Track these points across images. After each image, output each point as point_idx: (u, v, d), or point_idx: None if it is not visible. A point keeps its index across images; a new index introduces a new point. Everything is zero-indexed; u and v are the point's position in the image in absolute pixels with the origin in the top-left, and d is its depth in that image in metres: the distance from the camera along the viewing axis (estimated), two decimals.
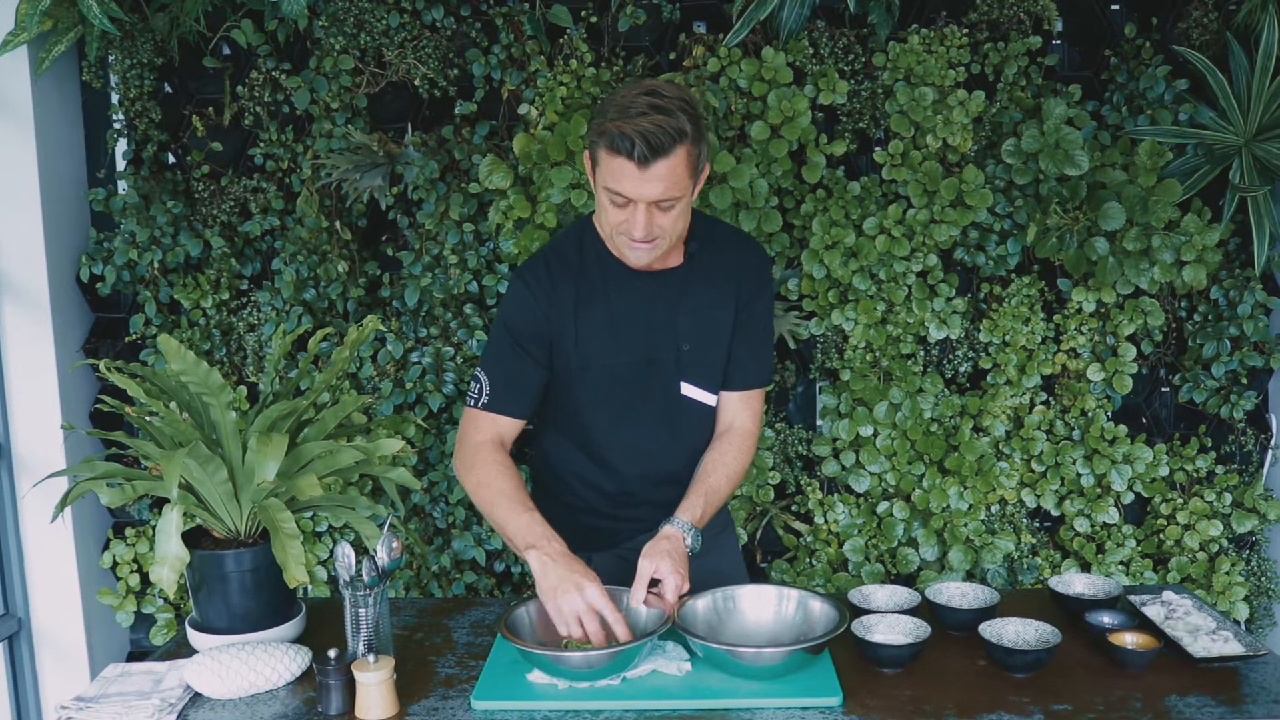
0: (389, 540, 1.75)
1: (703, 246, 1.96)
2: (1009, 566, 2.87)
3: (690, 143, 1.73)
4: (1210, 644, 1.70)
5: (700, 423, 2.01)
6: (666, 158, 1.70)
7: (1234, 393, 2.84)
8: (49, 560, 2.87)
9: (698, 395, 1.98)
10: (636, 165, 1.70)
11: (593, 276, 1.93)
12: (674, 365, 1.95)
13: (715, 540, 2.09)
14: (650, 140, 1.68)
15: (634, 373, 1.95)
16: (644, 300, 1.93)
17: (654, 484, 2.02)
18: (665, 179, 1.72)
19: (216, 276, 2.86)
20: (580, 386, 1.96)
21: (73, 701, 1.64)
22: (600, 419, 2.00)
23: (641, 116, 1.69)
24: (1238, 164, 2.68)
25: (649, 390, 1.97)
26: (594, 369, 1.94)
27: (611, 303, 1.93)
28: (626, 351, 1.94)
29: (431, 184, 2.77)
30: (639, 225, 1.77)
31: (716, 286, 1.96)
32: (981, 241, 2.81)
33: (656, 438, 2.00)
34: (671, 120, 1.70)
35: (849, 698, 1.59)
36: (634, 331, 1.94)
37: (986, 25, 2.78)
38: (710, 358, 1.97)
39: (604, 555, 2.05)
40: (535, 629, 1.75)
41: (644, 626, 1.74)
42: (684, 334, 1.94)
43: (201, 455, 1.73)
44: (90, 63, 2.75)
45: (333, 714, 1.59)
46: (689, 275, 1.95)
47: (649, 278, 1.94)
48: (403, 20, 2.75)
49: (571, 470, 2.06)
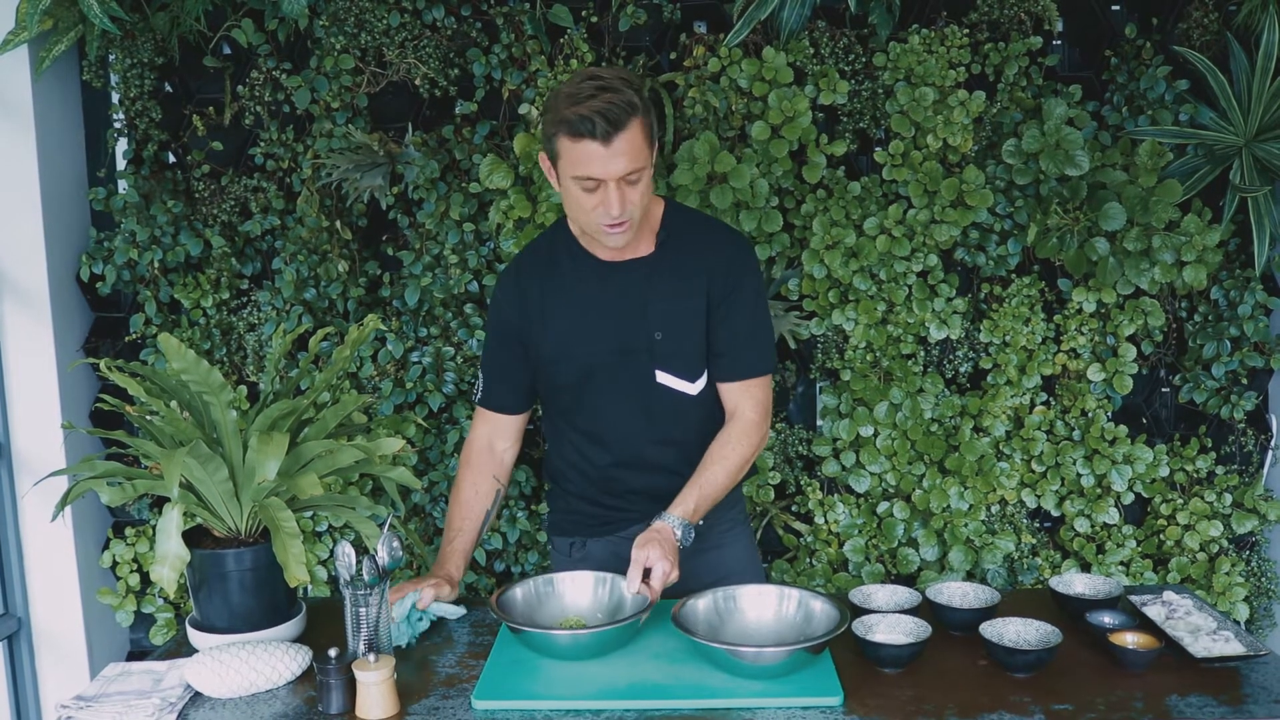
0: (389, 540, 1.75)
1: (673, 235, 1.99)
2: (1009, 567, 2.87)
3: (643, 114, 1.81)
4: (1211, 644, 1.70)
5: (679, 411, 2.01)
6: (625, 131, 1.77)
7: (1234, 393, 2.84)
8: (49, 559, 2.87)
9: (674, 384, 1.99)
10: (601, 143, 1.77)
11: (563, 270, 1.99)
12: (648, 354, 1.97)
13: (726, 535, 2.11)
14: (608, 116, 1.76)
15: (608, 362, 1.98)
16: (614, 290, 1.97)
17: (637, 471, 2.04)
18: (628, 152, 1.78)
19: (217, 276, 2.86)
20: (557, 378, 2.02)
21: (73, 701, 1.64)
22: (581, 408, 2.04)
23: (592, 99, 1.77)
24: (1238, 164, 2.68)
25: (624, 379, 1.99)
26: (567, 360, 1.99)
27: (581, 294, 1.98)
28: (598, 342, 1.97)
29: (432, 184, 2.77)
30: (614, 203, 1.81)
31: (687, 275, 1.97)
32: (982, 242, 2.81)
33: (635, 426, 2.01)
34: (621, 96, 1.78)
35: (850, 697, 1.58)
36: (605, 322, 1.97)
37: (987, 25, 2.78)
38: (685, 347, 1.98)
39: (599, 542, 2.10)
40: (526, 609, 1.83)
41: (629, 613, 1.78)
42: (655, 323, 1.96)
43: (202, 454, 1.73)
44: (91, 62, 2.75)
45: (333, 713, 1.59)
46: (658, 264, 1.97)
47: (618, 268, 1.97)
48: (403, 20, 2.75)
49: (565, 458, 2.11)
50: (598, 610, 1.86)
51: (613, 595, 1.87)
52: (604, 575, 1.90)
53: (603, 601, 1.87)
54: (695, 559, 1.99)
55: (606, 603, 1.86)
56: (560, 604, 1.87)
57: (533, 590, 1.88)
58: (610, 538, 2.09)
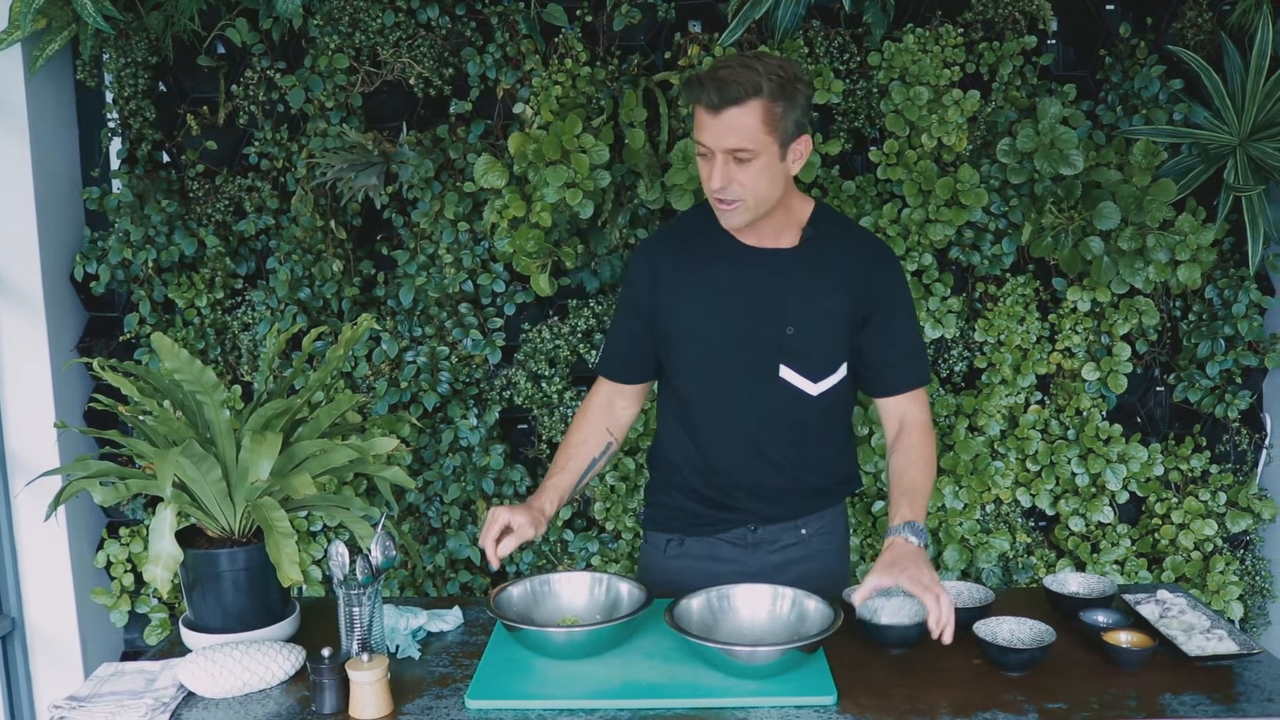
0: (383, 539, 1.75)
1: (821, 234, 1.97)
2: (1004, 566, 2.88)
3: (768, 98, 1.78)
4: (1205, 643, 1.71)
5: (796, 410, 1.99)
6: (738, 106, 1.77)
7: (1229, 392, 2.85)
8: (42, 559, 2.86)
9: (797, 381, 1.97)
10: (708, 112, 1.78)
11: (706, 248, 1.98)
12: (775, 347, 1.95)
13: (823, 546, 2.10)
14: (721, 88, 1.76)
15: (731, 347, 1.96)
16: (751, 277, 1.95)
17: (747, 466, 2.01)
18: (737, 129, 1.78)
19: (211, 275, 2.86)
20: (678, 356, 2.01)
21: (66, 701, 1.64)
22: (696, 392, 2.02)
23: (723, 69, 1.79)
24: (1232, 164, 2.68)
25: (745, 368, 1.97)
26: (690, 338, 1.98)
27: (717, 275, 1.96)
28: (726, 324, 1.95)
29: (426, 183, 2.76)
30: (717, 175, 1.82)
31: (831, 276, 1.96)
32: (976, 241, 2.81)
33: (750, 417, 1.99)
34: (749, 74, 1.77)
35: (844, 696, 1.59)
36: (736, 306, 1.95)
37: (981, 25, 2.78)
38: (816, 345, 1.96)
39: (698, 541, 2.07)
40: (523, 609, 1.84)
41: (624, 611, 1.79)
42: (790, 317, 1.94)
43: (196, 454, 1.73)
44: (84, 61, 2.75)
45: (326, 713, 1.59)
46: (802, 259, 1.96)
47: (757, 255, 1.95)
48: (398, 19, 2.75)
49: (674, 446, 2.08)
50: (594, 610, 1.86)
51: (609, 595, 1.87)
52: (600, 575, 1.89)
53: (599, 601, 1.87)
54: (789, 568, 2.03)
55: (603, 602, 1.86)
56: (557, 603, 1.87)
57: (529, 590, 1.88)
58: (710, 539, 2.07)
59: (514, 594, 1.85)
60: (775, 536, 2.07)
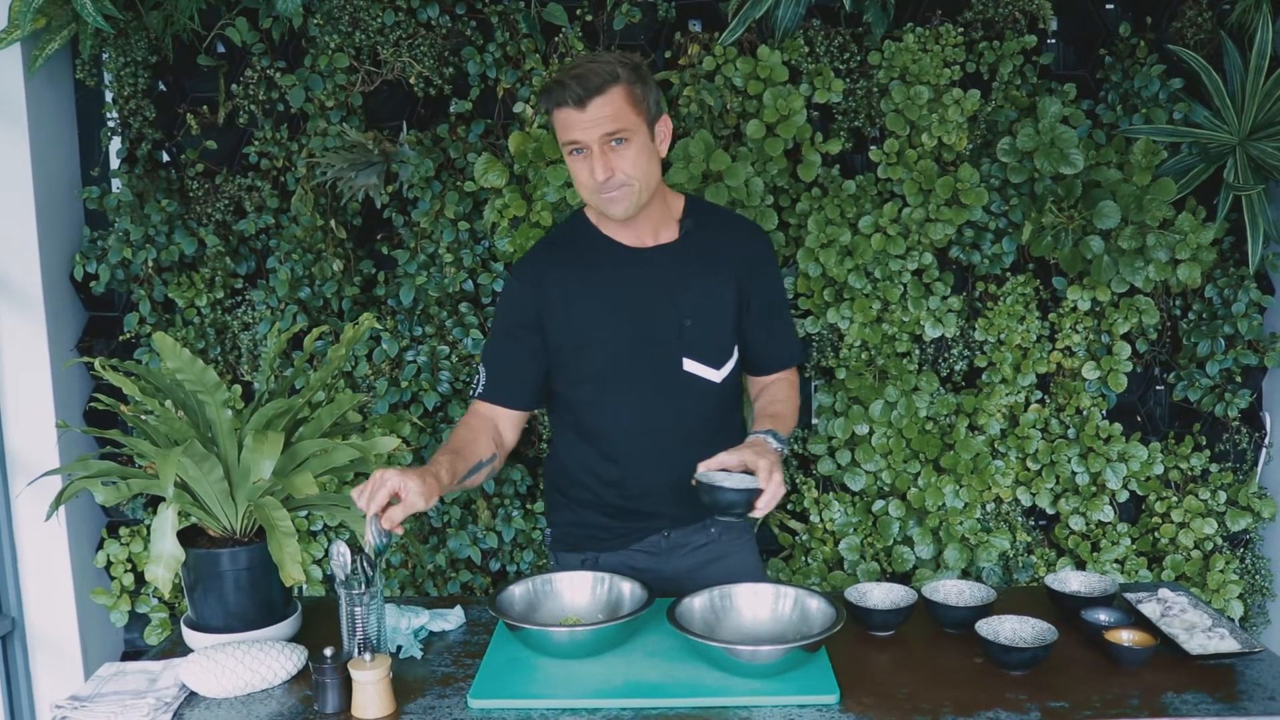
0: (375, 522, 1.68)
1: (699, 224, 2.00)
2: (1004, 565, 2.88)
3: (626, 83, 1.83)
4: (1206, 641, 1.71)
5: (704, 399, 2.00)
6: (602, 95, 1.80)
7: (1228, 391, 2.85)
8: (43, 559, 2.86)
9: (701, 371, 1.98)
10: (575, 108, 1.81)
11: (586, 257, 1.98)
12: (676, 341, 1.96)
13: (733, 544, 2.10)
14: (582, 81, 1.80)
15: (633, 349, 1.96)
16: (641, 277, 1.96)
17: (661, 465, 2.00)
18: (608, 114, 1.81)
19: (211, 275, 2.85)
20: (578, 366, 1.99)
21: (67, 701, 1.64)
22: (601, 400, 2.00)
23: (575, 68, 1.83)
24: (1232, 163, 2.68)
25: (650, 367, 1.97)
26: (590, 347, 1.97)
27: (605, 279, 1.96)
28: (624, 328, 1.95)
29: (426, 182, 2.76)
30: (599, 166, 1.83)
31: (716, 262, 1.98)
32: (977, 240, 2.81)
33: (662, 415, 1.99)
34: (603, 65, 1.82)
35: (846, 695, 1.59)
36: (631, 308, 1.96)
37: (981, 24, 2.78)
38: (712, 333, 1.99)
39: (613, 556, 2.05)
40: (525, 608, 1.84)
41: (626, 610, 1.79)
42: (685, 309, 1.96)
43: (197, 454, 1.73)
44: (84, 60, 2.74)
45: (328, 713, 1.59)
46: (685, 251, 1.98)
47: (643, 255, 1.97)
48: (398, 18, 2.75)
49: (579, 463, 2.06)
50: (597, 609, 1.85)
51: (611, 594, 1.87)
52: (603, 575, 1.90)
53: (601, 601, 1.87)
54: (703, 569, 2.02)
55: (605, 602, 1.86)
56: (559, 603, 1.87)
57: (531, 590, 1.88)
58: (624, 551, 2.06)
59: (516, 593, 1.85)
60: (687, 539, 2.06)
